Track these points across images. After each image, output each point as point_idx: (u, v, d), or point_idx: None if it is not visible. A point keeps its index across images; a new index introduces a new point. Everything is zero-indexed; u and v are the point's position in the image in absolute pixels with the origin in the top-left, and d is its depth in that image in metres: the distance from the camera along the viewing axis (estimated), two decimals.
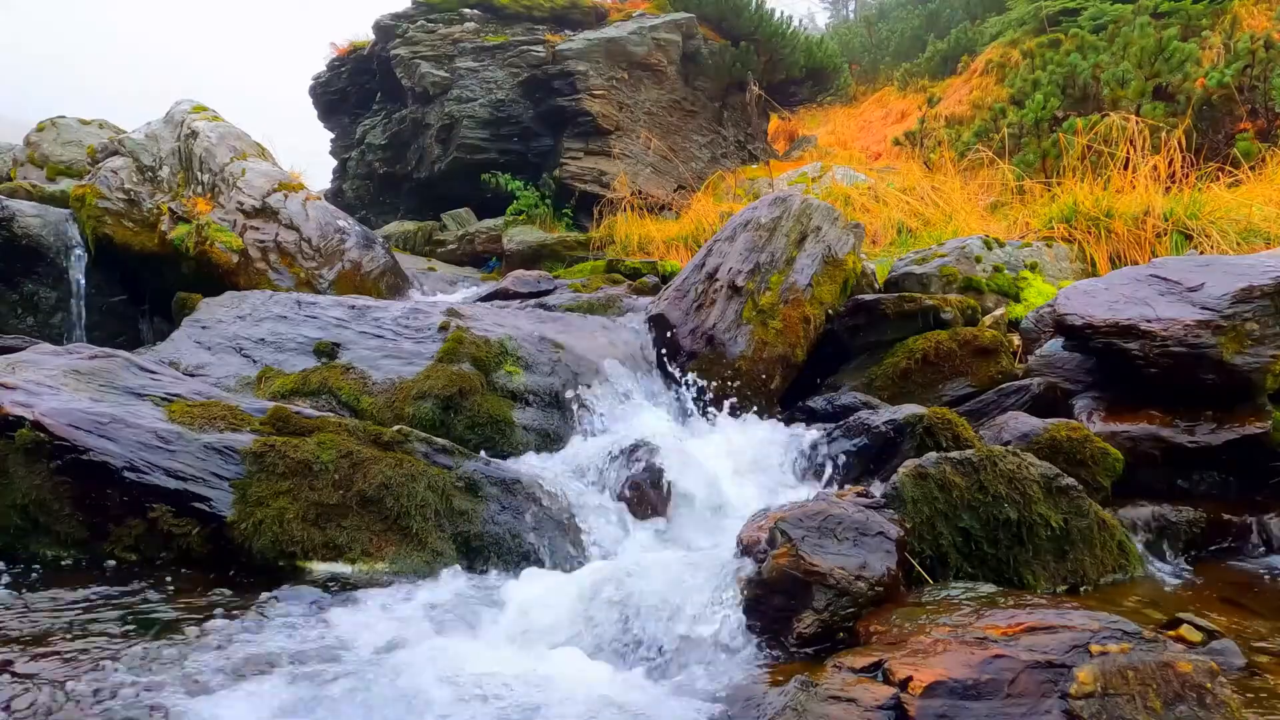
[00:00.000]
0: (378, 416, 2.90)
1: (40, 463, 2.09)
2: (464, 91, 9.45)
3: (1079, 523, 2.07)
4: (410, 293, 5.76)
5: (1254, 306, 2.64)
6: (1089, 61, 8.21)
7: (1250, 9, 9.03)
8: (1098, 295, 2.98)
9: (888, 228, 6.70)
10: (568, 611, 1.90)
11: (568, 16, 10.15)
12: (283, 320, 3.47)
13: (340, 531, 2.22)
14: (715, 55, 10.26)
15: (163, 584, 2.00)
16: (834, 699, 1.39)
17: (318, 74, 11.37)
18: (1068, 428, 2.55)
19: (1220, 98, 7.02)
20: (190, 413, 2.35)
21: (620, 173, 8.97)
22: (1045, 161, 7.15)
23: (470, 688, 1.60)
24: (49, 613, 1.80)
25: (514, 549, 2.33)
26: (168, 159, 5.43)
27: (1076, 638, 1.38)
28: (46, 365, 2.41)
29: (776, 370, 3.44)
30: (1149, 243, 4.70)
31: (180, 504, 2.13)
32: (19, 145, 6.78)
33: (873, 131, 13.01)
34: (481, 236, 8.85)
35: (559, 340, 3.41)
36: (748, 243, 3.68)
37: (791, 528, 1.81)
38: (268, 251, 5.09)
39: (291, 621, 1.85)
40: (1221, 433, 2.58)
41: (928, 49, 14.31)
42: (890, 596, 1.76)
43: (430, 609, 1.95)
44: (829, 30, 20.93)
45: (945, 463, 2.06)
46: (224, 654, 1.66)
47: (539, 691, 1.60)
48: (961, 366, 3.44)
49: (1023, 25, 11.85)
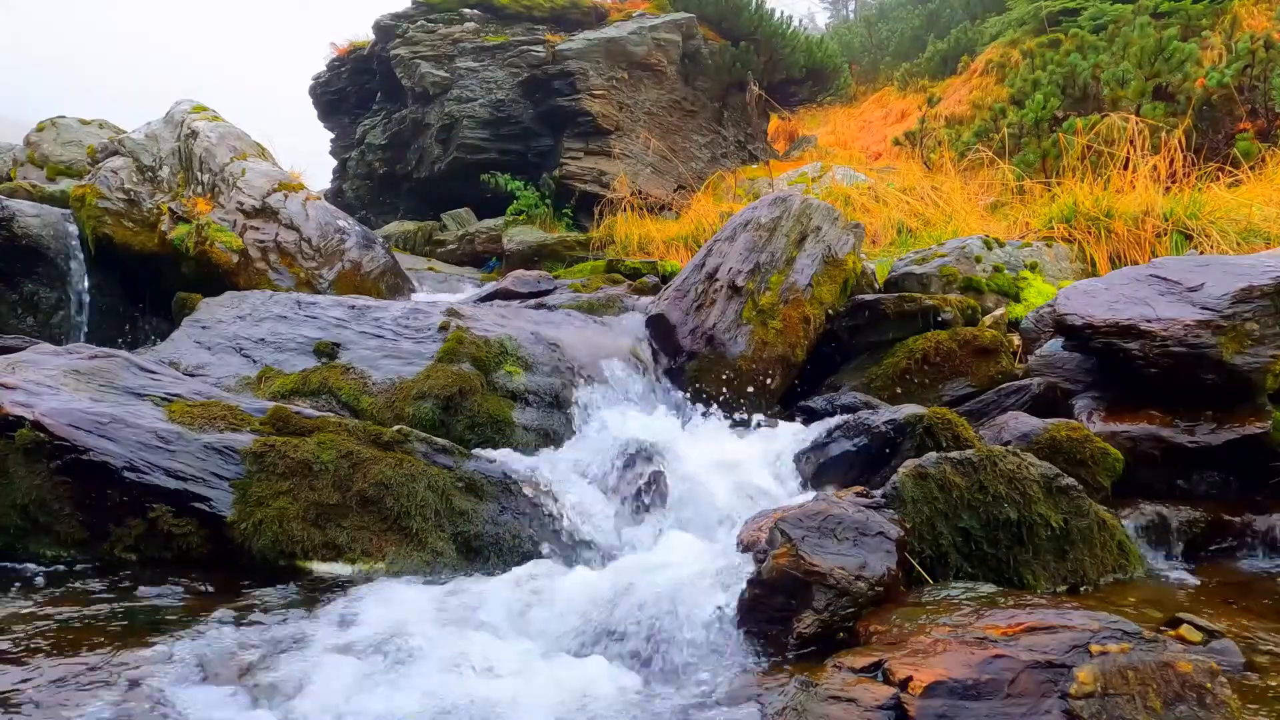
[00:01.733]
0: (378, 416, 2.90)
1: (40, 463, 2.09)
2: (464, 91, 9.45)
3: (1079, 523, 2.07)
4: (410, 293, 5.76)
5: (1254, 306, 2.64)
6: (1089, 61, 8.21)
7: (1250, 9, 9.04)
8: (1098, 295, 2.98)
9: (888, 228, 6.69)
10: (567, 611, 1.90)
11: (567, 16, 10.15)
12: (283, 320, 3.47)
13: (340, 531, 2.22)
14: (715, 55, 10.26)
15: (162, 584, 2.00)
16: (834, 699, 1.40)
17: (318, 74, 11.37)
18: (1068, 428, 2.55)
19: (1220, 98, 7.02)
20: (190, 413, 2.35)
21: (620, 173, 8.96)
22: (1045, 161, 7.15)
23: (469, 688, 1.60)
24: (49, 612, 1.80)
25: (514, 549, 2.33)
26: (168, 159, 5.43)
27: (1076, 638, 1.38)
28: (46, 365, 2.41)
29: (776, 370, 3.44)
30: (1149, 243, 4.69)
31: (180, 504, 2.14)
32: (19, 145, 6.78)
33: (873, 131, 13.00)
34: (481, 236, 8.85)
35: (559, 340, 3.41)
36: (748, 243, 3.68)
37: (791, 528, 1.81)
38: (268, 251, 5.09)
39: (291, 621, 1.85)
40: (1221, 433, 2.58)
41: (928, 49, 14.31)
42: (890, 596, 1.76)
43: (429, 609, 1.95)
44: (829, 30, 20.93)
45: (945, 463, 2.06)
46: (224, 654, 1.66)
47: (538, 691, 1.60)
48: (961, 366, 3.44)
49: (1023, 25, 11.85)
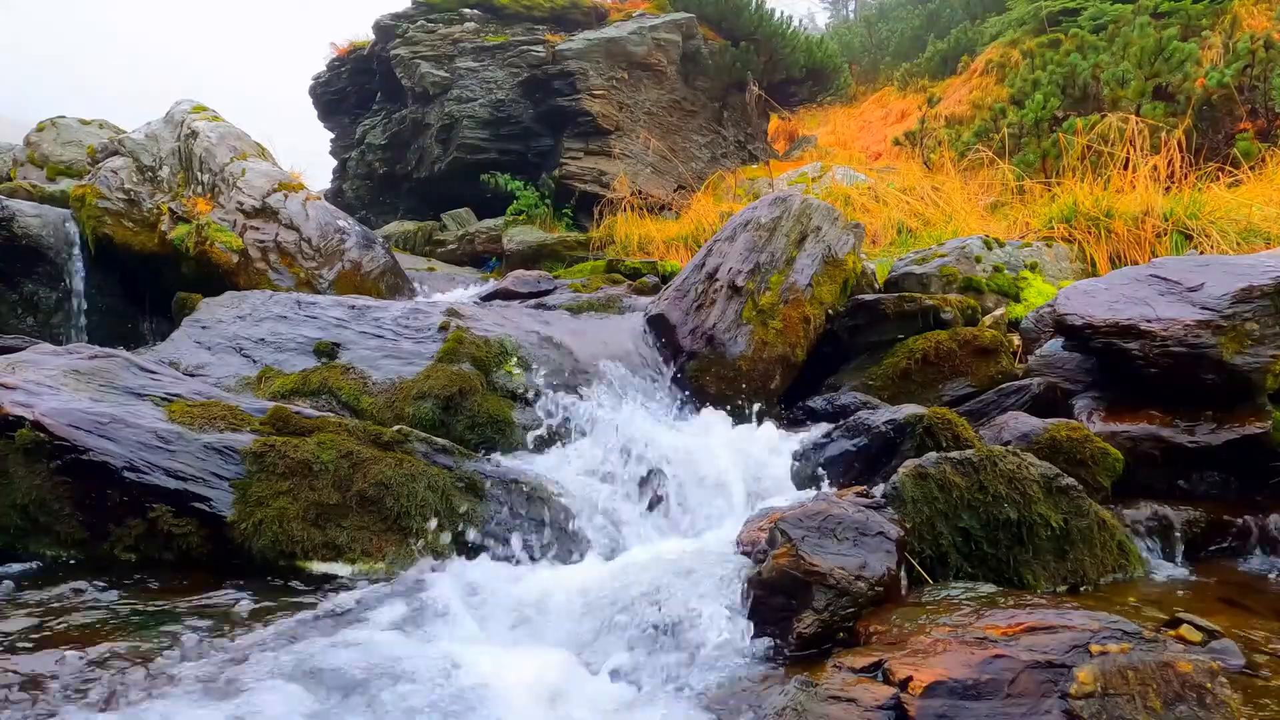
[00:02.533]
0: (378, 416, 2.90)
1: (40, 463, 2.09)
2: (464, 91, 9.45)
3: (1079, 523, 2.07)
4: (410, 293, 5.76)
5: (1254, 306, 2.64)
6: (1089, 61, 8.21)
7: (1250, 9, 9.04)
8: (1098, 295, 2.98)
9: (888, 228, 6.69)
10: (566, 611, 1.90)
11: (567, 16, 10.15)
12: (283, 320, 3.47)
13: (340, 531, 2.22)
14: (715, 55, 10.26)
15: (162, 584, 2.00)
16: (834, 699, 1.40)
17: (318, 74, 11.38)
18: (1068, 428, 2.55)
19: (1220, 98, 7.02)
20: (190, 413, 2.34)
21: (620, 173, 8.97)
22: (1045, 161, 7.15)
23: (468, 688, 1.60)
24: (48, 613, 1.80)
25: (514, 549, 2.33)
26: (168, 159, 5.43)
27: (1076, 638, 1.38)
28: (46, 365, 2.41)
29: (776, 370, 3.44)
30: (1149, 243, 4.69)
31: (180, 504, 2.13)
32: (19, 145, 6.78)
33: (873, 131, 13.01)
34: (481, 236, 8.85)
35: (559, 340, 3.41)
36: (748, 243, 3.68)
37: (791, 528, 1.81)
38: (268, 251, 5.09)
39: (290, 621, 1.84)
40: (1221, 433, 2.58)
41: (928, 49, 14.32)
42: (890, 596, 1.76)
43: (429, 609, 1.95)
44: (829, 30, 20.94)
45: (945, 463, 2.06)
46: (223, 655, 1.66)
47: (537, 690, 1.60)
48: (961, 366, 3.44)
49: (1023, 25, 11.85)
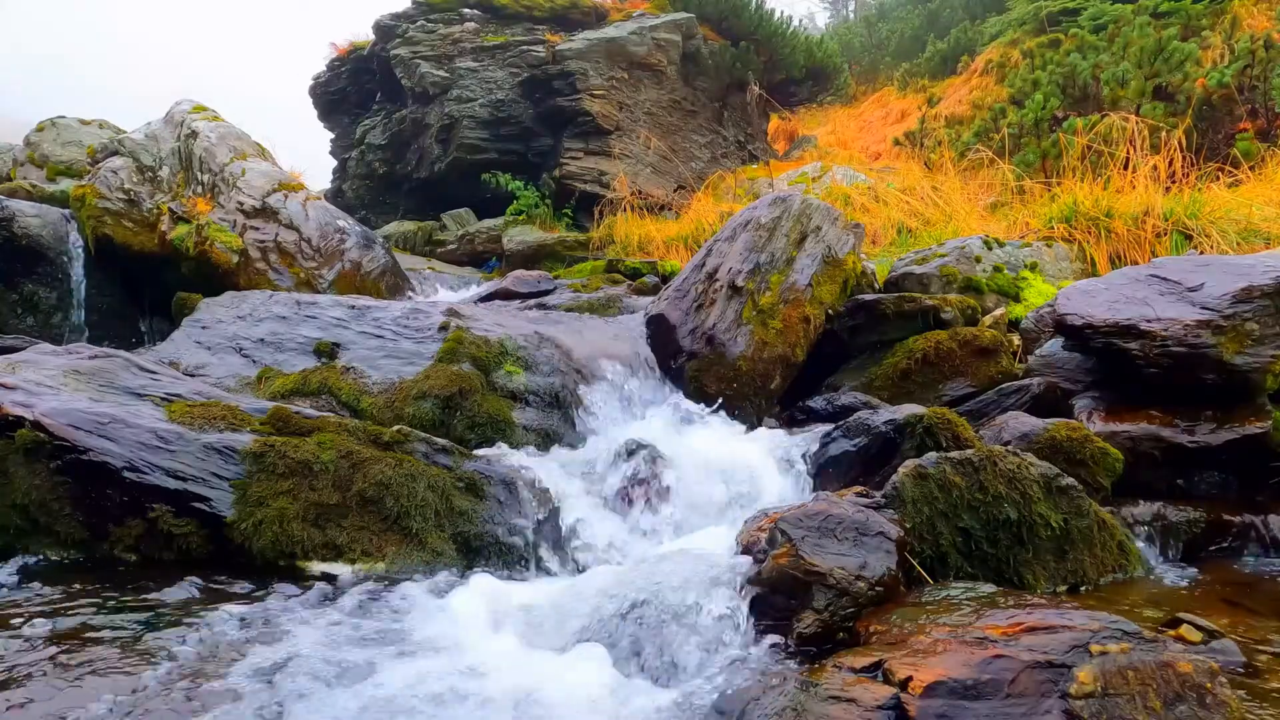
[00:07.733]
0: (378, 416, 2.90)
1: (40, 463, 2.09)
2: (464, 91, 9.45)
3: (1079, 522, 2.07)
4: (410, 293, 5.76)
5: (1254, 306, 2.64)
6: (1089, 61, 8.21)
7: (1250, 9, 9.04)
8: (1098, 295, 2.97)
9: (888, 228, 6.69)
10: (565, 612, 1.90)
11: (568, 16, 10.14)
12: (282, 320, 3.47)
13: (340, 531, 2.22)
14: (715, 55, 10.26)
15: (162, 584, 2.00)
16: (834, 699, 1.39)
17: (318, 74, 11.37)
18: (1068, 428, 2.55)
19: (1220, 98, 7.03)
20: (190, 413, 2.35)
21: (620, 173, 8.96)
22: (1045, 161, 7.15)
23: (467, 689, 1.60)
24: (48, 612, 1.80)
25: (514, 549, 2.33)
26: (168, 159, 5.43)
27: (1076, 638, 1.38)
28: (46, 365, 2.41)
29: (776, 370, 3.44)
30: (1149, 243, 4.69)
31: (180, 504, 2.13)
32: (19, 145, 6.78)
33: (873, 131, 13.01)
34: (481, 236, 8.85)
35: (559, 340, 3.41)
36: (748, 243, 3.68)
37: (791, 528, 1.81)
38: (268, 251, 5.09)
39: (290, 621, 1.84)
40: (1221, 433, 2.58)
41: (928, 49, 14.32)
42: (890, 596, 1.76)
43: (429, 609, 1.95)
44: (829, 30, 20.94)
45: (945, 463, 2.06)
46: (222, 655, 1.66)
47: (537, 692, 1.60)
48: (961, 366, 3.44)
49: (1023, 25, 11.86)
